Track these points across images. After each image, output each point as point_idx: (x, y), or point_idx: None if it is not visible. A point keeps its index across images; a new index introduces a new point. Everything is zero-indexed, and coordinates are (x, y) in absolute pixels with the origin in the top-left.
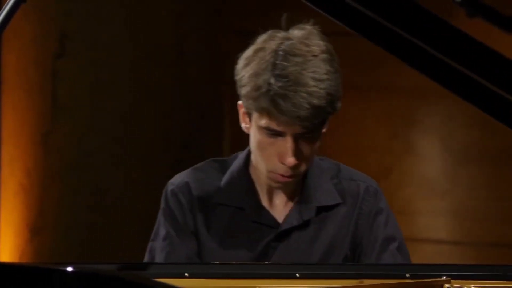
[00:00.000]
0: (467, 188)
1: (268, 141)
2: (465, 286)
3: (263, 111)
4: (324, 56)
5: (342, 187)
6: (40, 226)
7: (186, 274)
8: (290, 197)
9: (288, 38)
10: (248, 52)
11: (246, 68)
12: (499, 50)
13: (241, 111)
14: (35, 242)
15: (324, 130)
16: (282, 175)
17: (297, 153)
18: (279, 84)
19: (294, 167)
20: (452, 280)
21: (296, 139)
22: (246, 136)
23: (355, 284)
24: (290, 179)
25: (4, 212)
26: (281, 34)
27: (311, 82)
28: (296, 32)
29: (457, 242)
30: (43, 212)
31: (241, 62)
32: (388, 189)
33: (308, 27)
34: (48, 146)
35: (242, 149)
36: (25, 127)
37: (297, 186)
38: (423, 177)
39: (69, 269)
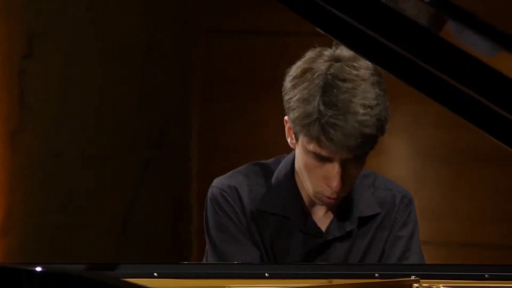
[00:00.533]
0: (435, 187)
1: (316, 164)
2: (434, 285)
3: (312, 138)
4: (373, 79)
5: (379, 196)
6: (8, 226)
7: (155, 274)
8: (333, 206)
9: (337, 59)
10: (296, 70)
11: (294, 91)
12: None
13: (287, 126)
14: (3, 242)
15: None
16: (328, 197)
17: (343, 177)
18: (329, 114)
19: (340, 190)
20: (421, 280)
21: (344, 164)
22: (215, 136)
23: (324, 284)
24: (334, 201)
25: None
26: (329, 52)
27: (361, 110)
28: (344, 53)
29: (425, 242)
30: (11, 212)
31: (288, 82)
32: None
33: None
34: (16, 146)
35: (210, 148)
36: None
37: None
38: (391, 177)
39: (38, 269)
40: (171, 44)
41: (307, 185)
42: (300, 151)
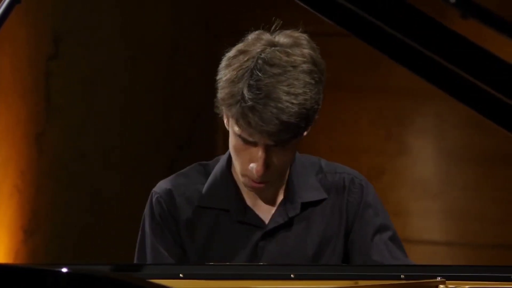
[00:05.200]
0: (460, 188)
1: (242, 147)
2: (459, 286)
3: (234, 120)
4: (305, 66)
5: (327, 181)
6: (34, 227)
7: (180, 275)
8: (275, 197)
9: (272, 44)
10: (232, 52)
11: (225, 71)
12: (491, 51)
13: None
14: (29, 243)
15: (305, 133)
16: (254, 182)
17: (267, 162)
18: (250, 96)
19: (264, 176)
20: (446, 281)
21: (267, 149)
22: None
23: (350, 285)
24: (261, 185)
25: None
26: (267, 37)
27: (284, 97)
28: (282, 39)
29: (450, 243)
30: (37, 213)
31: (223, 62)
32: (381, 190)
33: (296, 34)
34: (42, 147)
35: None
36: (19, 128)
37: (281, 185)
38: (416, 178)
39: (63, 270)
40: (196, 45)
41: (237, 168)
42: (230, 134)
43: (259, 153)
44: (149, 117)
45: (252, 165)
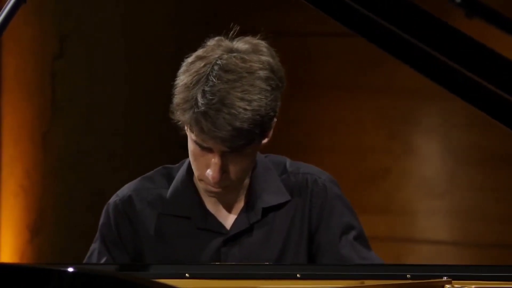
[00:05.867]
0: (466, 188)
1: (199, 153)
2: (466, 286)
3: (187, 126)
4: (262, 73)
5: (290, 182)
6: (40, 226)
7: (186, 274)
8: (237, 202)
9: (230, 51)
10: (191, 57)
11: (182, 76)
12: (496, 50)
13: None
14: (35, 242)
15: (265, 140)
16: (212, 187)
17: (223, 169)
18: (204, 102)
19: (221, 182)
20: (452, 281)
21: (223, 156)
22: None
23: (356, 285)
24: (218, 190)
25: (4, 212)
26: (226, 43)
27: (238, 103)
28: (241, 45)
29: (456, 243)
30: (42, 212)
31: (182, 67)
32: (387, 190)
33: (256, 41)
34: (47, 147)
35: None
36: (25, 128)
37: (242, 191)
38: (422, 177)
39: (69, 269)
40: (199, 45)
41: (195, 174)
42: (188, 138)
43: (214, 159)
44: (153, 116)
45: (208, 171)
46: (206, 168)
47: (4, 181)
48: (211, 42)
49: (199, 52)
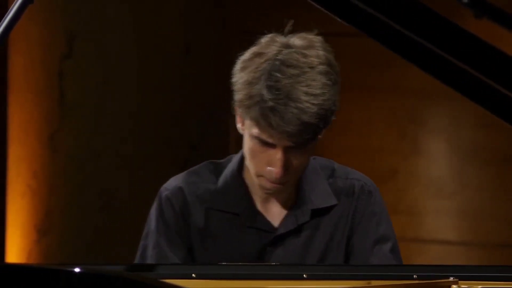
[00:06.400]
0: (474, 188)
1: (259, 149)
2: (472, 287)
3: (253, 121)
4: (322, 68)
5: (337, 186)
6: (47, 227)
7: (193, 275)
8: (286, 201)
9: (287, 46)
10: (246, 55)
11: (241, 73)
12: (504, 51)
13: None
14: (42, 243)
15: (320, 136)
16: (271, 183)
17: (286, 164)
18: (270, 97)
19: (282, 177)
20: (459, 281)
21: (286, 151)
22: None
23: (363, 285)
24: (278, 186)
25: (11, 213)
26: (281, 39)
27: (304, 97)
28: (297, 41)
29: (464, 243)
30: (50, 213)
31: (238, 65)
32: (395, 190)
33: (310, 36)
34: (55, 147)
35: None
36: (32, 128)
37: (292, 190)
38: (430, 177)
39: (76, 269)
40: (209, 45)
41: (251, 170)
42: (246, 137)
43: (278, 155)
44: (162, 117)
45: (269, 168)
46: (266, 164)
47: (11, 181)
48: (265, 39)
49: (254, 49)
